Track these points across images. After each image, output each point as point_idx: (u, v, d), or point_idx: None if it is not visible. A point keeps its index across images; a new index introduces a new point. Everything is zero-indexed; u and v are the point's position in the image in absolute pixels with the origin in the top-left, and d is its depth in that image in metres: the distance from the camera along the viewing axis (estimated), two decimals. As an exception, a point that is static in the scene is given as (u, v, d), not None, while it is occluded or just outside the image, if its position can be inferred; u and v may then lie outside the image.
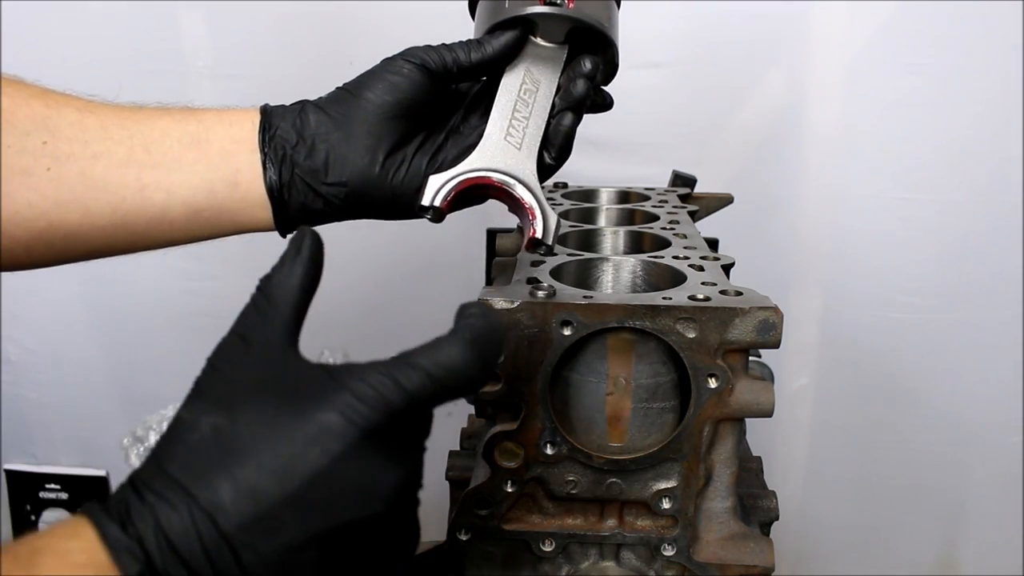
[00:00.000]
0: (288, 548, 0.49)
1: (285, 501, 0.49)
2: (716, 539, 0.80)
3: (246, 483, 0.49)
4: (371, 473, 0.51)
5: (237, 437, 0.50)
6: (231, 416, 0.51)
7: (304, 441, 0.50)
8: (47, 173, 0.73)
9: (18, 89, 0.75)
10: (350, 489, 0.51)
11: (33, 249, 0.75)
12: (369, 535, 0.52)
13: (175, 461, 0.50)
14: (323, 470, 0.50)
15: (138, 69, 1.74)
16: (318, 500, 0.50)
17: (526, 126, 0.77)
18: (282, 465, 0.49)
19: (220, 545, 0.48)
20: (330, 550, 0.51)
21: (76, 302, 1.90)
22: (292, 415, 0.51)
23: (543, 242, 0.73)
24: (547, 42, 0.79)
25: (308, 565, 0.50)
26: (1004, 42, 1.63)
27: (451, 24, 0.86)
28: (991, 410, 1.86)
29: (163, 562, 0.47)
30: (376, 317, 1.84)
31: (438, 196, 0.73)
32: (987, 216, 1.73)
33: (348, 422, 0.50)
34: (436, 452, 1.07)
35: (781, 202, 1.79)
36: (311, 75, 1.83)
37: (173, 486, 0.49)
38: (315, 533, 0.50)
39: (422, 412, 0.55)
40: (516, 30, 0.78)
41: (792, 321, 0.86)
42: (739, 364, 0.75)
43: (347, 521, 0.51)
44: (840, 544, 2.00)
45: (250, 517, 0.49)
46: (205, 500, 0.48)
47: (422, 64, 0.76)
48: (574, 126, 0.78)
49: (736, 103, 1.76)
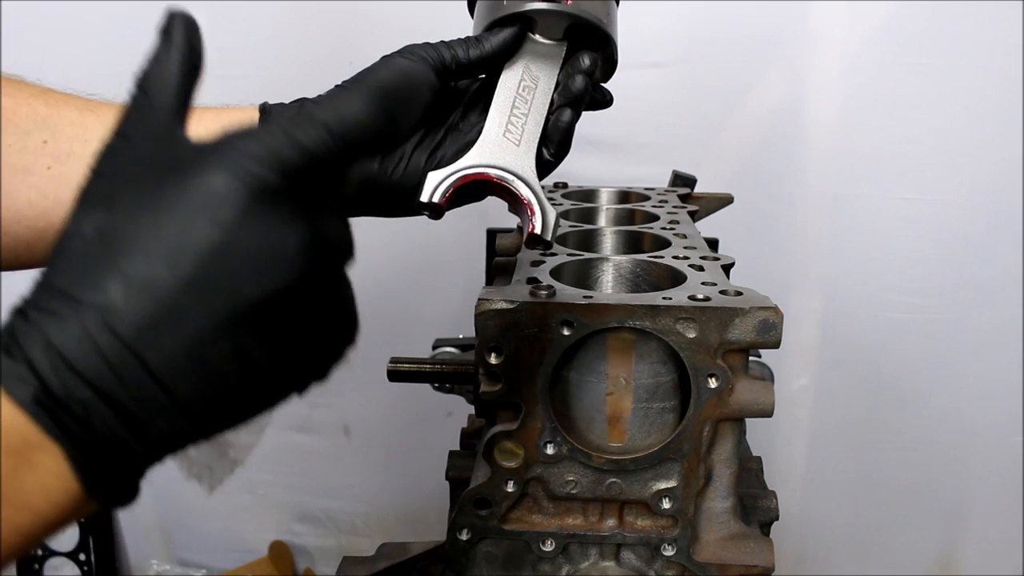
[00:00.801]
0: (196, 341, 0.44)
1: (181, 286, 0.43)
2: (716, 539, 0.80)
3: (135, 276, 0.43)
4: (270, 237, 0.45)
5: (121, 230, 0.45)
6: (113, 211, 0.45)
7: (189, 213, 0.44)
8: (48, 172, 0.73)
9: (19, 88, 0.75)
10: (249, 259, 0.44)
11: (35, 248, 0.75)
12: (287, 317, 0.46)
13: (58, 272, 0.45)
14: (215, 242, 0.44)
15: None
16: (216, 278, 0.44)
17: (525, 122, 0.77)
18: (170, 246, 0.44)
19: (121, 351, 0.43)
20: (246, 339, 0.45)
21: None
22: (174, 188, 0.45)
23: (542, 238, 0.73)
24: (546, 39, 0.79)
25: (224, 359, 0.45)
26: (1004, 42, 1.63)
27: (452, 24, 0.86)
28: (991, 410, 1.86)
29: (59, 382, 0.42)
30: (376, 317, 1.83)
31: (436, 192, 0.74)
32: (987, 216, 1.74)
33: (237, 183, 0.44)
34: (436, 452, 1.08)
35: (781, 202, 1.79)
36: (311, 75, 1.83)
37: (58, 297, 0.43)
38: (222, 318, 0.44)
39: (327, 171, 0.49)
40: (515, 27, 0.78)
41: (792, 321, 0.86)
42: (739, 364, 0.75)
43: (254, 299, 0.45)
44: (840, 544, 2.00)
45: (147, 313, 0.43)
46: (94, 303, 0.43)
47: (421, 61, 0.77)
48: (573, 122, 0.78)
49: (736, 103, 1.77)
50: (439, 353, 1.16)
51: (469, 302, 0.75)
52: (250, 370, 0.46)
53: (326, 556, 2.20)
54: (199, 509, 2.20)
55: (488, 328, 0.73)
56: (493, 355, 0.74)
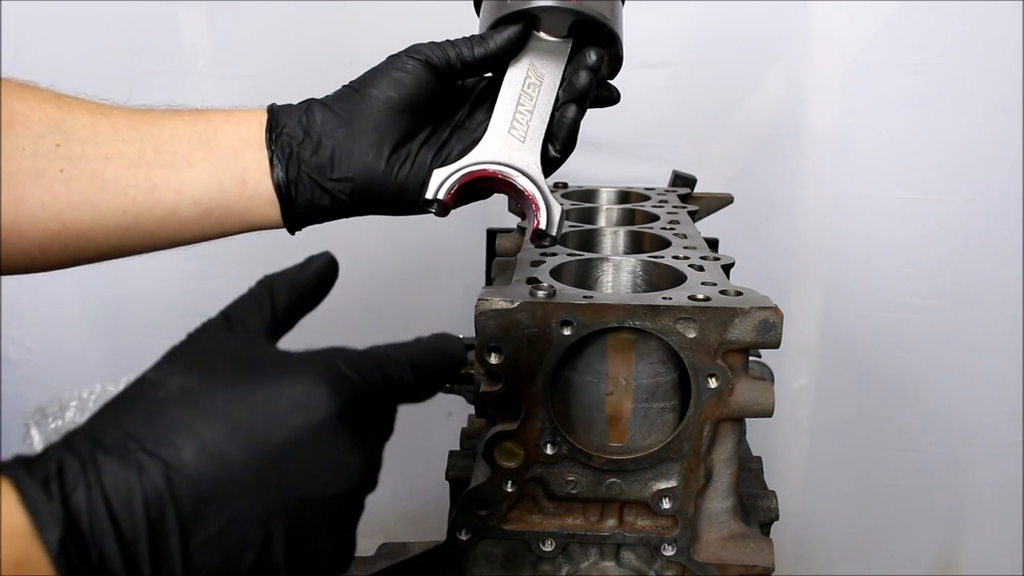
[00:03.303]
0: (239, 521, 0.45)
1: (251, 466, 0.45)
2: (716, 539, 0.80)
3: (212, 444, 0.44)
4: (343, 452, 0.48)
5: (209, 398, 0.46)
6: (203, 379, 0.47)
7: (279, 403, 0.47)
8: (60, 175, 0.74)
9: (32, 93, 0.76)
10: (318, 464, 0.47)
11: (48, 250, 0.76)
12: (313, 530, 0.48)
13: (133, 416, 0.45)
14: (295, 436, 0.46)
15: (138, 69, 1.74)
16: (285, 469, 0.46)
17: (530, 119, 0.77)
18: (253, 427, 0.45)
19: (166, 505, 0.43)
20: (275, 537, 0.46)
21: (76, 302, 1.90)
22: (275, 379, 0.48)
23: (548, 233, 0.73)
24: (551, 36, 0.79)
25: (252, 546, 0.45)
26: (1005, 43, 1.63)
27: (452, 24, 0.86)
28: (991, 410, 1.86)
29: (90, 526, 0.42)
30: (376, 317, 1.83)
31: (442, 189, 0.74)
32: (987, 216, 1.73)
33: (334, 392, 0.48)
34: (436, 452, 1.08)
35: (781, 202, 1.79)
36: (311, 75, 1.83)
37: (125, 439, 0.44)
38: (271, 507, 0.46)
39: (393, 404, 0.55)
40: (519, 25, 0.78)
41: (792, 321, 0.86)
42: (739, 364, 0.75)
43: (309, 498, 0.47)
44: (840, 544, 2.00)
45: (210, 481, 0.44)
46: (162, 457, 0.43)
47: (426, 60, 0.77)
48: (578, 118, 0.78)
49: (736, 103, 1.77)
50: (439, 353, 1.16)
51: (469, 302, 0.75)
52: (266, 565, 0.47)
53: (326, 556, 2.19)
54: (199, 509, 2.20)
55: (488, 328, 0.73)
56: (493, 355, 0.74)
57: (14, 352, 2.04)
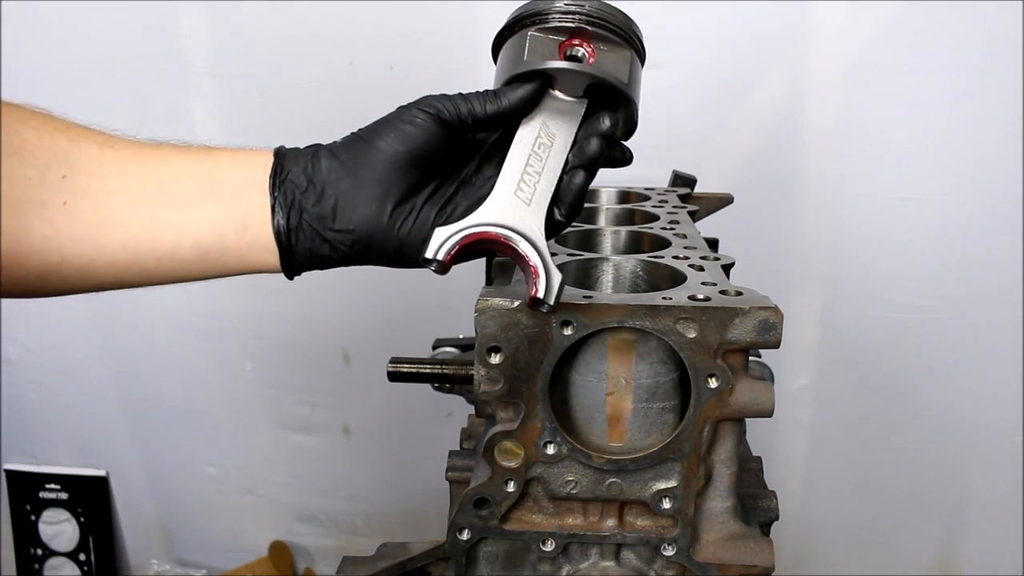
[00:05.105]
0: None
1: None
2: (716, 539, 0.80)
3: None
4: None
5: None
6: None
7: None
8: (63, 207, 0.74)
9: (44, 122, 0.76)
10: None
11: (48, 280, 0.76)
12: None
13: None
14: None
15: (138, 69, 1.74)
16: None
17: (537, 181, 0.76)
18: None
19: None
20: None
21: (76, 303, 1.89)
22: None
23: (545, 301, 0.72)
24: (566, 96, 0.78)
25: None
26: (1005, 42, 1.63)
27: (449, 26, 0.86)
28: (991, 410, 1.86)
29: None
30: (376, 317, 1.84)
31: (442, 250, 0.73)
32: (987, 216, 1.73)
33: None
34: (436, 452, 1.08)
35: (781, 202, 1.79)
36: (310, 75, 1.84)
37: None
38: None
39: None
40: (535, 83, 0.77)
41: (792, 321, 0.86)
42: (739, 364, 0.75)
43: None
44: (840, 544, 2.00)
45: None
46: None
47: (436, 114, 0.76)
48: (586, 184, 0.77)
49: (736, 103, 1.77)
50: (439, 353, 1.16)
51: (469, 302, 0.75)
52: None
53: (326, 556, 2.20)
54: (199, 509, 2.21)
55: (488, 328, 0.73)
56: (493, 355, 0.74)
57: (14, 352, 2.04)
